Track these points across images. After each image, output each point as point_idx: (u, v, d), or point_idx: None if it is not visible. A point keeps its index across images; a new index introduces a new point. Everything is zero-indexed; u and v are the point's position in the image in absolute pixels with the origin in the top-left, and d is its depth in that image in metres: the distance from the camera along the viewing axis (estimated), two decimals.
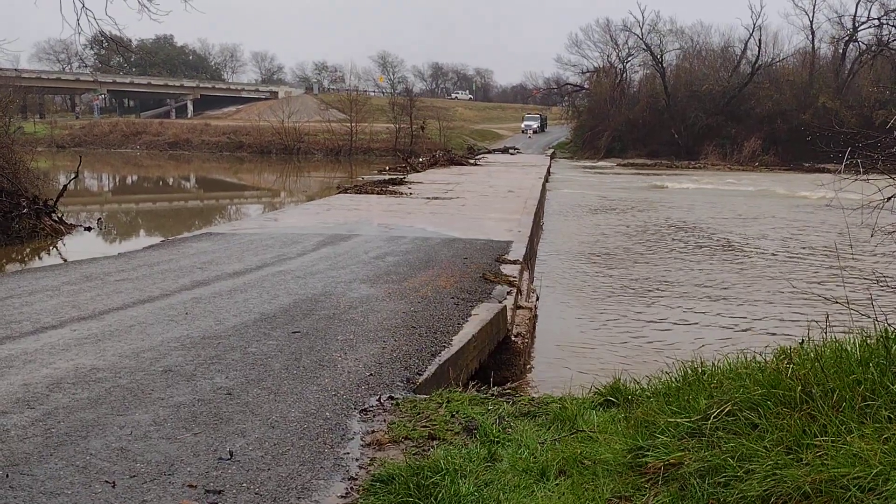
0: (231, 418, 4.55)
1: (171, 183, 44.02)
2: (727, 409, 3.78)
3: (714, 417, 3.77)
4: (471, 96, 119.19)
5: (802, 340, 4.47)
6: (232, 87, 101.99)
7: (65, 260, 13.46)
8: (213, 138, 67.24)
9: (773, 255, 16.84)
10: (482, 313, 7.55)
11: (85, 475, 3.77)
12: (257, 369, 5.50)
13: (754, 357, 4.58)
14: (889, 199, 5.25)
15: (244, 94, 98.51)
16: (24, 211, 16.03)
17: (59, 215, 17.46)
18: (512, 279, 9.54)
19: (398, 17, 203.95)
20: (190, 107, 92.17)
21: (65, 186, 19.75)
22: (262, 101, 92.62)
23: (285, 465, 3.95)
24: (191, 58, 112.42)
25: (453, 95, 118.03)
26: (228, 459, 3.98)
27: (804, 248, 17.77)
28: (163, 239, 13.76)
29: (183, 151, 64.73)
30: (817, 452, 3.17)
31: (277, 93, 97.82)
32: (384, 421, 4.66)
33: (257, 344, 6.18)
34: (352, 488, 3.76)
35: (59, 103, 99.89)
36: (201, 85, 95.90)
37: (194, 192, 38.79)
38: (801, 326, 7.12)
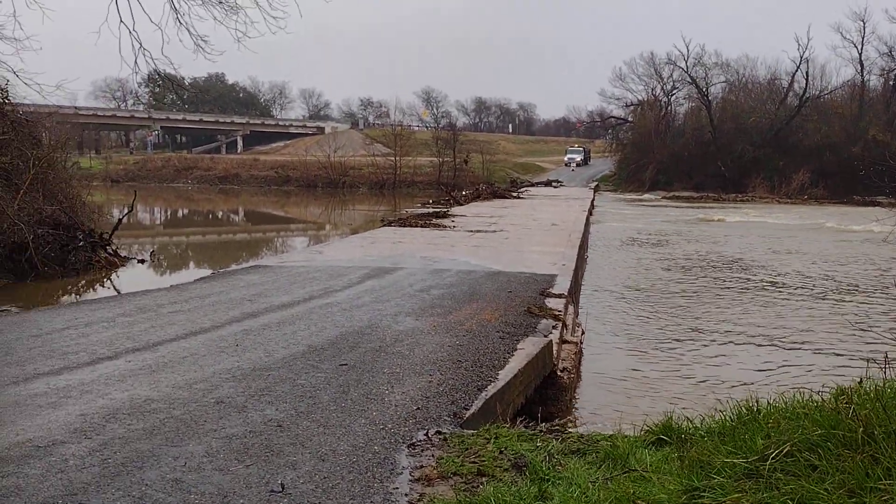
0: (282, 450, 4.59)
1: (220, 216, 44.91)
2: (786, 449, 3.69)
3: (772, 458, 3.68)
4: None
5: (861, 379, 4.35)
6: (280, 122, 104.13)
7: (119, 292, 13.78)
8: (261, 173, 68.69)
9: (828, 291, 16.43)
10: (528, 347, 7.50)
11: None
12: (306, 401, 5.55)
13: (811, 396, 4.47)
14: None
15: (292, 130, 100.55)
16: (80, 244, 16.49)
17: (114, 248, 17.94)
18: (557, 313, 9.47)
19: (442, 53, 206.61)
20: (240, 142, 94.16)
21: (120, 220, 20.35)
22: (310, 136, 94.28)
23: (336, 499, 3.96)
24: (241, 95, 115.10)
25: None
26: (280, 492, 4.00)
27: (859, 284, 17.32)
28: (213, 271, 14.02)
29: (232, 186, 66.25)
30: (882, 497, 3.08)
31: (324, 128, 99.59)
32: (432, 456, 4.65)
33: (306, 376, 6.23)
34: None
35: (113, 139, 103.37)
36: (251, 121, 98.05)
37: (242, 226, 39.53)
38: (857, 365, 6.94)
